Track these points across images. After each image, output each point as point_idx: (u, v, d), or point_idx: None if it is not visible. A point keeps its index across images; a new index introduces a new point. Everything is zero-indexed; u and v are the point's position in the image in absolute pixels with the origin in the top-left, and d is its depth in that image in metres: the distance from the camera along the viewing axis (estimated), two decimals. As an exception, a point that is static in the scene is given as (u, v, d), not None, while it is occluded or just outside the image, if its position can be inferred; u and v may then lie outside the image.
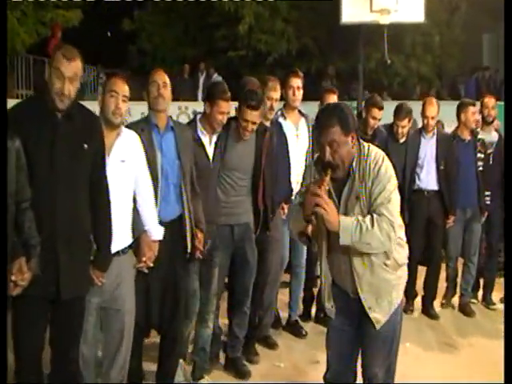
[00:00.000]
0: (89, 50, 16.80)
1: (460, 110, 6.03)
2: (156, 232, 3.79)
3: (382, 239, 2.94)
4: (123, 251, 3.60)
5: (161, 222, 3.84)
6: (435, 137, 5.93)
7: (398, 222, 3.08)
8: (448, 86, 18.62)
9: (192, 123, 4.39)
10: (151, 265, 3.75)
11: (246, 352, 4.86)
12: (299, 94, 5.27)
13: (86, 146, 3.22)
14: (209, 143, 4.32)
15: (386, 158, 3.10)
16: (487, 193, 6.04)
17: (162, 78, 3.97)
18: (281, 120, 5.26)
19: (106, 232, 3.40)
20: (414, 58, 17.20)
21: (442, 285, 6.37)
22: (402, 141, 5.82)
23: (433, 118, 5.84)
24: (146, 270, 3.77)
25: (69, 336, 3.32)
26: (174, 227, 3.96)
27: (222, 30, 16.04)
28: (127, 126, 3.93)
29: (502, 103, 4.97)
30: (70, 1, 14.83)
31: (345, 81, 16.14)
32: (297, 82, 5.24)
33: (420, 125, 6.08)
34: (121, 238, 3.56)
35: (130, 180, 3.62)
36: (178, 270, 4.02)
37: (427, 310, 6.13)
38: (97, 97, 3.96)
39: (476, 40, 19.11)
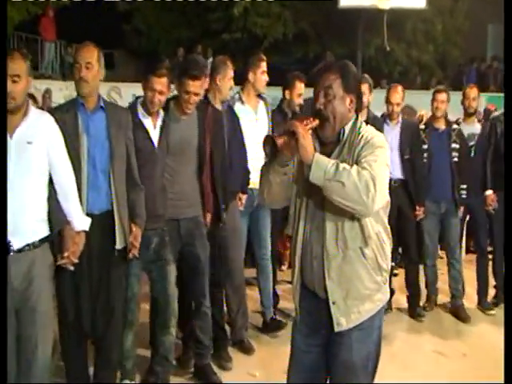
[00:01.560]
0: (82, 29, 16.54)
1: (433, 96, 5.72)
2: (80, 222, 3.35)
3: (359, 185, 2.46)
4: (34, 245, 3.16)
5: (89, 215, 3.43)
6: (399, 125, 5.59)
7: (384, 219, 2.75)
8: (452, 75, 18.23)
9: (132, 107, 3.94)
10: (76, 260, 3.33)
11: (217, 357, 4.46)
12: (265, 78, 4.92)
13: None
14: (153, 126, 3.84)
15: (383, 136, 2.76)
16: (463, 186, 5.66)
17: (86, 57, 3.45)
18: (238, 104, 4.90)
19: None
20: (415, 46, 16.84)
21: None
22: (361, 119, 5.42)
23: (398, 104, 5.51)
24: (72, 267, 3.33)
25: None
26: (105, 220, 3.52)
27: (217, 12, 15.63)
28: (55, 108, 3.61)
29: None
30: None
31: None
32: (264, 66, 4.90)
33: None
34: (29, 229, 3.15)
35: (40, 164, 3.21)
36: (111, 266, 3.57)
37: (413, 311, 5.72)
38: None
39: (481, 30, 18.62)
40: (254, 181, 4.72)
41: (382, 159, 2.62)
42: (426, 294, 5.92)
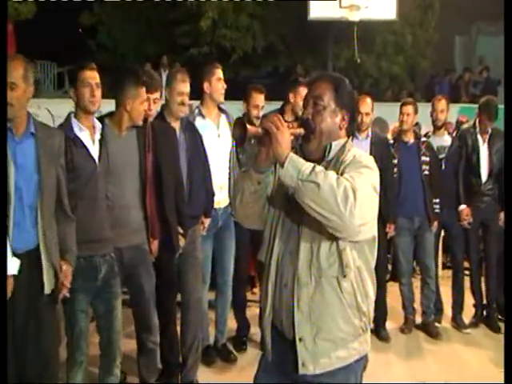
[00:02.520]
0: (44, 45, 16.07)
1: (400, 108, 5.53)
2: (9, 266, 2.98)
3: (336, 190, 2.14)
4: None
5: (15, 254, 3.07)
6: (369, 139, 5.32)
7: (369, 258, 2.43)
8: (423, 86, 18.18)
9: (66, 123, 3.52)
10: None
11: None
12: (224, 86, 4.59)
13: None
14: (91, 141, 3.46)
15: (373, 160, 2.47)
16: (435, 200, 5.42)
17: (9, 76, 3.01)
18: (199, 119, 4.57)
19: None
20: (385, 57, 16.70)
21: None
22: None
23: (367, 114, 5.28)
24: None
25: None
26: (31, 259, 3.14)
27: (184, 26, 15.30)
28: None
29: (502, 106, 4.42)
30: (23, -8, 14.10)
31: (314, 80, 15.60)
32: (221, 74, 4.60)
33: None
34: None
35: None
36: (41, 310, 3.19)
37: (378, 332, 5.44)
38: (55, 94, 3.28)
39: (449, 41, 18.68)
40: (219, 199, 4.54)
41: (368, 179, 2.30)
42: (404, 315, 5.65)
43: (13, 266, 3.01)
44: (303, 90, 4.72)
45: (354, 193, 2.16)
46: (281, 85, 6.36)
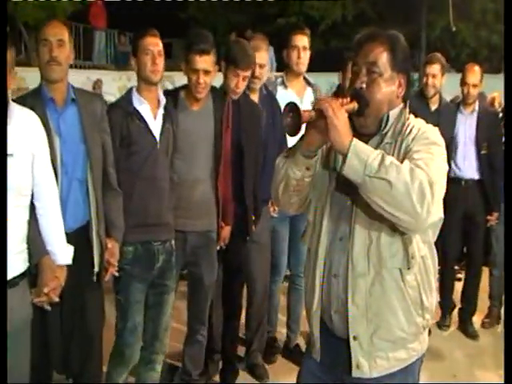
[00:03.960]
0: (136, 18, 16.26)
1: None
2: (62, 255, 2.70)
3: (411, 188, 1.82)
4: (11, 284, 2.45)
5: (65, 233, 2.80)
6: (476, 113, 4.80)
7: (432, 242, 2.12)
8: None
9: (127, 96, 3.24)
10: (56, 299, 2.69)
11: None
12: (306, 56, 4.15)
13: None
14: (153, 116, 3.15)
15: (438, 131, 2.10)
16: None
17: (57, 33, 2.83)
18: (280, 89, 4.19)
19: None
20: (484, 26, 15.80)
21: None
22: (433, 108, 4.72)
23: (474, 86, 4.69)
24: (49, 307, 2.70)
25: None
26: (80, 238, 2.91)
27: (272, -4, 15.06)
28: (16, 100, 2.84)
29: None
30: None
31: (407, 50, 15.07)
32: (302, 41, 4.12)
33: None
34: (8, 263, 2.41)
35: (24, 180, 2.53)
36: (89, 296, 3.01)
37: (464, 327, 5.04)
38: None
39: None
40: None
41: (441, 161, 1.97)
42: (488, 306, 5.21)
43: (67, 254, 2.75)
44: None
45: (431, 188, 1.85)
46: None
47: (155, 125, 3.15)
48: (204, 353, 3.73)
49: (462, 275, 5.54)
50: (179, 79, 3.95)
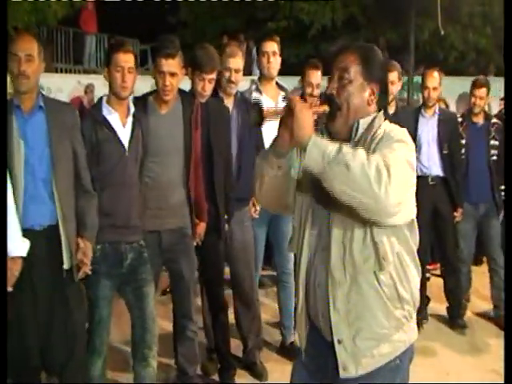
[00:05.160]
0: (126, 22, 16.27)
1: (471, 88, 5.19)
2: (16, 247, 2.93)
3: (368, 169, 1.94)
4: None
5: (31, 230, 3.02)
6: (437, 116, 5.10)
7: (409, 239, 2.22)
8: (513, 60, 17.30)
9: (97, 104, 3.43)
10: (9, 289, 2.89)
11: None
12: (276, 61, 4.39)
13: None
14: (122, 125, 3.34)
15: (406, 131, 2.23)
16: (503, 187, 5.04)
17: (26, 48, 3.04)
18: (255, 94, 4.39)
19: None
20: (471, 29, 15.92)
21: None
22: (391, 112, 4.90)
23: (435, 89, 5.01)
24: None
25: None
26: (51, 235, 3.09)
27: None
28: None
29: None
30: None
31: (396, 53, 15.07)
32: (272, 47, 4.36)
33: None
34: None
35: None
36: (64, 293, 3.15)
37: (454, 321, 5.27)
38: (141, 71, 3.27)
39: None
40: None
41: (401, 154, 2.06)
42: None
43: (22, 247, 2.95)
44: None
45: (387, 170, 1.95)
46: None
47: (124, 132, 3.32)
48: (197, 348, 3.82)
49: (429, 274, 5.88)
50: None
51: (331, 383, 2.30)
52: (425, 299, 5.28)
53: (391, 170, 1.95)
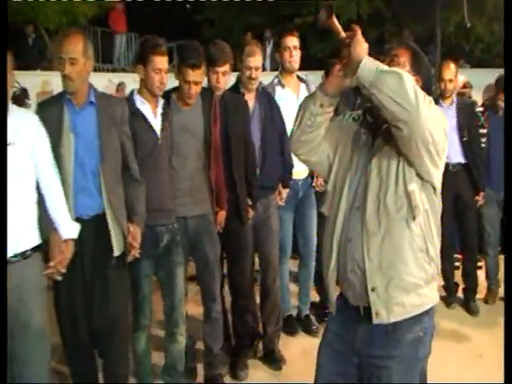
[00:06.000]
0: (154, 21, 16.56)
1: (496, 82, 5.37)
2: (67, 230, 3.10)
3: (416, 87, 2.13)
4: (24, 255, 2.94)
5: (80, 220, 3.20)
6: (455, 105, 5.24)
7: (435, 205, 2.40)
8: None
9: (130, 97, 3.62)
10: (63, 270, 3.09)
11: (233, 365, 4.21)
12: (297, 54, 4.55)
13: None
14: (153, 116, 3.55)
15: None
16: None
17: (70, 52, 3.14)
18: (278, 88, 4.58)
19: None
20: (497, 21, 15.84)
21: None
22: None
23: (450, 81, 5.13)
24: (59, 277, 3.12)
25: None
26: (99, 224, 3.26)
27: (288, -4, 15.28)
28: (40, 103, 3.39)
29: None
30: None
31: (421, 46, 15.07)
32: (292, 41, 4.52)
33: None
34: (17, 238, 2.90)
35: (24, 167, 2.98)
36: (108, 274, 3.33)
37: (467, 304, 5.37)
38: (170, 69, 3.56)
39: None
40: (298, 170, 4.52)
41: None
42: (487, 285, 5.55)
43: (73, 229, 3.13)
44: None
45: (430, 102, 2.17)
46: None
47: (156, 123, 3.54)
48: (221, 328, 4.02)
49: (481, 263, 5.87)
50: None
51: (354, 356, 2.45)
52: (453, 285, 5.48)
53: (431, 105, 2.17)
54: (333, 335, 2.55)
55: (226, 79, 3.96)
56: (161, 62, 3.44)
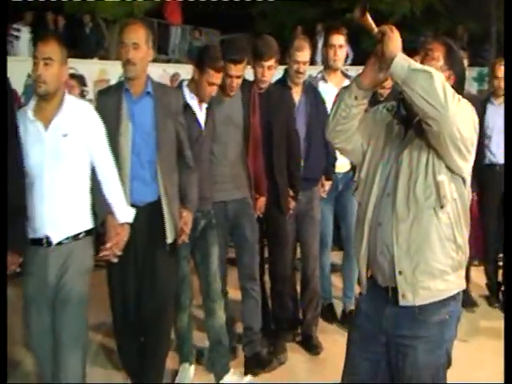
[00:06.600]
0: (208, 14, 16.70)
1: None
2: (123, 214, 3.21)
3: (446, 85, 2.23)
4: (75, 238, 3.08)
5: (135, 206, 3.30)
6: (503, 104, 5.13)
7: (465, 193, 2.48)
8: None
9: (178, 89, 3.78)
10: (119, 252, 3.22)
11: (272, 349, 4.32)
12: (341, 53, 4.64)
13: None
14: (199, 109, 3.71)
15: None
16: None
17: (132, 37, 3.26)
18: (321, 83, 4.69)
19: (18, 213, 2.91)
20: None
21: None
22: None
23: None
24: (115, 259, 3.24)
25: None
26: (152, 211, 3.39)
27: (340, -10, 15.27)
28: (98, 92, 3.53)
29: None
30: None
31: (476, 43, 14.93)
32: (338, 40, 4.59)
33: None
34: (69, 222, 3.07)
35: (79, 156, 3.09)
36: (159, 258, 3.46)
37: (491, 299, 5.39)
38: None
39: None
40: (339, 164, 4.62)
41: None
42: None
43: (128, 214, 3.24)
44: None
45: (459, 99, 2.27)
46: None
47: (201, 115, 3.72)
48: (260, 308, 4.17)
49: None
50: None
51: (383, 339, 2.57)
52: (496, 285, 5.42)
53: (460, 102, 2.27)
54: (363, 315, 2.68)
55: (272, 73, 4.11)
56: (216, 77, 3.59)
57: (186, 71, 14.53)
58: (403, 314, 2.49)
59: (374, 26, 2.34)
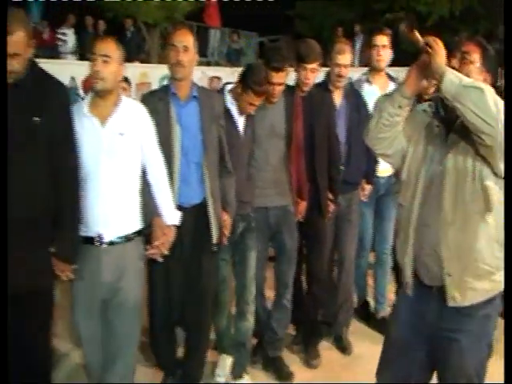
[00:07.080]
0: (246, 16, 16.81)
1: None
2: (171, 216, 3.32)
3: (498, 99, 2.27)
4: (126, 237, 3.14)
5: (181, 208, 3.38)
6: None
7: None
8: None
9: (221, 94, 3.80)
10: (166, 252, 3.32)
11: (305, 352, 4.35)
12: (385, 53, 4.61)
13: (36, 119, 2.83)
14: (239, 114, 3.75)
15: None
16: None
17: (183, 41, 3.35)
18: (365, 85, 4.67)
19: (68, 216, 2.98)
20: None
21: None
22: None
23: None
24: (161, 259, 3.35)
25: (34, 332, 2.99)
26: (197, 213, 3.48)
27: (379, -9, 15.28)
28: (145, 95, 3.59)
29: None
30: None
31: (516, 44, 14.77)
32: (382, 41, 4.57)
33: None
34: (121, 222, 3.13)
35: (133, 156, 3.16)
36: (203, 259, 3.55)
37: None
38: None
39: None
40: (380, 168, 4.58)
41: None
42: None
43: (176, 216, 3.33)
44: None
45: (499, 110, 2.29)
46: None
47: (241, 121, 3.77)
48: (290, 316, 4.18)
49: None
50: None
51: (427, 334, 2.62)
52: None
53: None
54: (404, 311, 2.73)
55: (315, 76, 4.10)
56: (256, 100, 3.63)
57: (224, 73, 14.80)
58: (449, 308, 2.55)
59: (420, 38, 2.38)
